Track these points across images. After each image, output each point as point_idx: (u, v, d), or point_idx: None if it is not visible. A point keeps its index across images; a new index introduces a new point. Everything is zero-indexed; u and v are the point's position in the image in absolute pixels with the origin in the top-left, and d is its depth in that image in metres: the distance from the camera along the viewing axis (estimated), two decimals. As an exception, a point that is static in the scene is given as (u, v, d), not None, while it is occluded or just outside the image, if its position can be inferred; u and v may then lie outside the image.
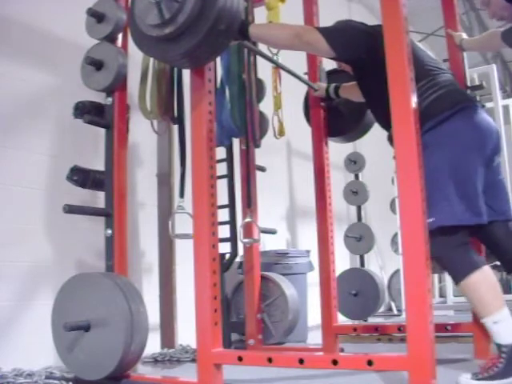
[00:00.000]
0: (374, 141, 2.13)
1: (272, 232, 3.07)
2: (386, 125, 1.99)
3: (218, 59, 2.53)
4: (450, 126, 1.89)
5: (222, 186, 2.55)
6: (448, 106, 1.91)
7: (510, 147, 4.45)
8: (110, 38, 2.34)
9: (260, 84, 2.79)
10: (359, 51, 2.01)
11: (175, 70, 2.42)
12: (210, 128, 1.96)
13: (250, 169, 2.78)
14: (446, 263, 1.89)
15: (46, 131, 2.85)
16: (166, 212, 3.30)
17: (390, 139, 1.87)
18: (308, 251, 3.72)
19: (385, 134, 2.11)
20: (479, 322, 2.38)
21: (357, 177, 4.87)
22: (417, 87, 1.73)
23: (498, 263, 2.19)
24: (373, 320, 4.44)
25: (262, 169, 2.95)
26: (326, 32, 1.97)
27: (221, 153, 2.65)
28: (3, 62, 2.65)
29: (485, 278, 1.80)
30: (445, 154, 1.87)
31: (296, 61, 2.08)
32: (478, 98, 2.89)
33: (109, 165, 2.30)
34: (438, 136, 1.88)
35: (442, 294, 6.43)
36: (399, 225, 1.65)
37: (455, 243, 1.85)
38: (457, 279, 1.85)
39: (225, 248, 2.70)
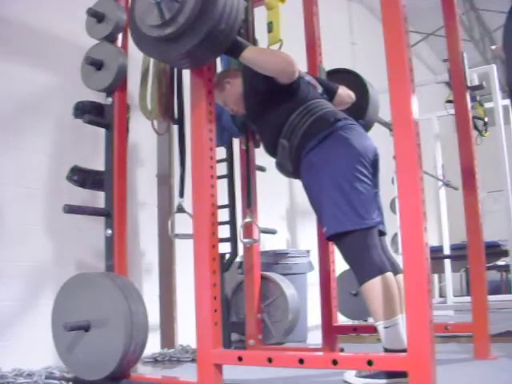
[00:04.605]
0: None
1: (272, 232, 3.07)
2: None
3: (218, 59, 2.53)
4: (330, 143, 2.02)
5: (222, 186, 2.55)
6: (327, 125, 2.04)
7: (510, 148, 4.45)
8: (110, 38, 2.34)
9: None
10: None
11: (175, 70, 2.42)
12: (209, 128, 1.97)
13: (250, 169, 2.78)
14: (350, 265, 1.97)
15: (46, 131, 2.85)
16: (165, 212, 3.30)
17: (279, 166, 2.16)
18: (308, 251, 3.72)
19: (384, 133, 2.11)
20: (479, 321, 2.40)
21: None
22: (297, 112, 2.07)
23: (497, 263, 2.20)
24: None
25: (262, 169, 2.95)
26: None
27: (221, 153, 2.65)
28: (3, 62, 2.65)
29: (384, 284, 1.85)
30: (329, 169, 1.99)
31: (296, 61, 2.08)
32: (477, 98, 2.89)
33: (109, 165, 2.30)
34: (321, 154, 2.02)
35: (442, 294, 6.43)
36: (399, 225, 1.65)
37: (357, 247, 1.92)
38: (359, 281, 1.91)
39: (225, 248, 2.70)
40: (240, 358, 1.79)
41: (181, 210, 2.34)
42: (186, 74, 2.16)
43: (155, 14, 1.81)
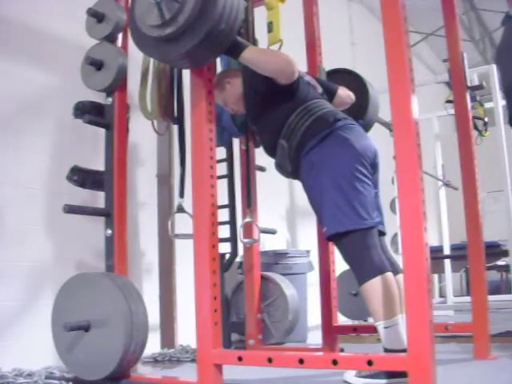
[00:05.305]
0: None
1: (272, 232, 3.07)
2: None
3: (218, 59, 2.53)
4: (330, 142, 2.02)
5: (222, 186, 2.55)
6: (326, 125, 2.04)
7: (510, 148, 4.45)
8: (110, 38, 2.34)
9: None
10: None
11: (175, 70, 2.42)
12: (210, 128, 1.97)
13: (250, 169, 2.78)
14: (350, 265, 1.96)
15: (45, 131, 2.85)
16: (166, 212, 3.30)
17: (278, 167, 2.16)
18: (308, 251, 3.72)
19: (384, 133, 2.12)
20: (479, 321, 2.40)
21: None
22: (296, 112, 2.07)
23: (497, 263, 2.20)
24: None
25: (262, 169, 2.95)
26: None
27: (221, 153, 2.65)
28: (3, 61, 2.65)
29: (384, 284, 1.85)
30: (329, 169, 1.99)
31: (296, 61, 2.08)
32: (477, 98, 2.89)
33: (109, 165, 2.30)
34: (321, 154, 2.02)
35: (442, 294, 6.44)
36: (399, 225, 1.65)
37: (357, 247, 1.92)
38: (359, 281, 1.91)
39: (225, 248, 2.70)
40: (240, 358, 1.79)
41: (181, 210, 2.34)
42: (186, 73, 2.16)
43: (155, 13, 1.81)
